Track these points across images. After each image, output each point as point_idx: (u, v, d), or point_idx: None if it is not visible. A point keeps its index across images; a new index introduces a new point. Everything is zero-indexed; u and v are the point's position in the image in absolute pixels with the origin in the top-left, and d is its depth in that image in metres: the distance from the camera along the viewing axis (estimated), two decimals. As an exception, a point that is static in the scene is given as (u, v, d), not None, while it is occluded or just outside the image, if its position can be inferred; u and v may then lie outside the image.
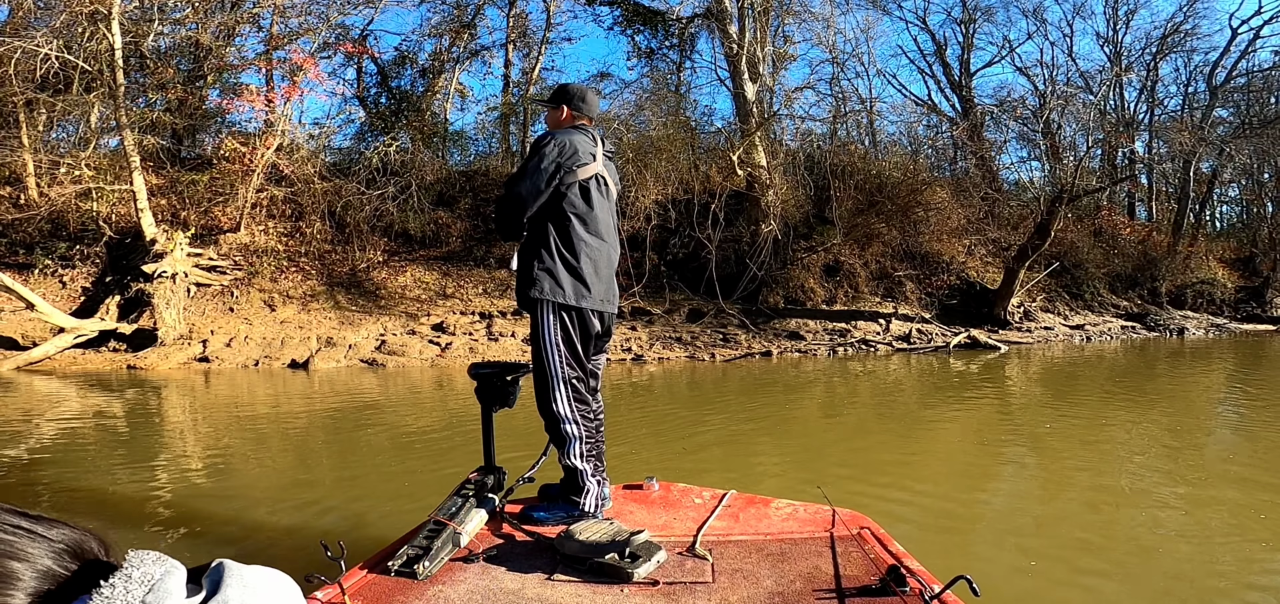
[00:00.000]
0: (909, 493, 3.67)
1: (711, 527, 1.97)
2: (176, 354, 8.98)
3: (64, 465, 4.48)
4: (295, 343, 9.74)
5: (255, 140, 11.01)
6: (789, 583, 1.62)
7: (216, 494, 3.77)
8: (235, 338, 9.59)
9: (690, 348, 11.12)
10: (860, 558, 1.73)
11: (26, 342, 9.17)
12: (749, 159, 13.77)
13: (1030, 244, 12.85)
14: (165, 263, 9.45)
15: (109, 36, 9.94)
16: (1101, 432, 5.24)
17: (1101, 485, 3.87)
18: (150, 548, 0.57)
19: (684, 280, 13.20)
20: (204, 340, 9.40)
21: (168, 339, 9.15)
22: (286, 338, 9.84)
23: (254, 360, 9.19)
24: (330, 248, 12.01)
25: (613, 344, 11.09)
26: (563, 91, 2.34)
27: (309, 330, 10.15)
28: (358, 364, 9.45)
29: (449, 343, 10.28)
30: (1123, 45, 17.64)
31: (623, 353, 10.69)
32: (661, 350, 10.87)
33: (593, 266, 2.17)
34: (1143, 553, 2.90)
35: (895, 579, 1.54)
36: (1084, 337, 13.15)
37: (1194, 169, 15.89)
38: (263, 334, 9.86)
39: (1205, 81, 17.25)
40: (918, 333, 12.41)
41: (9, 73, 9.67)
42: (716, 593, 1.60)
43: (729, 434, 5.37)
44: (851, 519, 1.97)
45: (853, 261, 13.99)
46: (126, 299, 9.43)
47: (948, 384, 8.31)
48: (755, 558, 1.77)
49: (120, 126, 9.97)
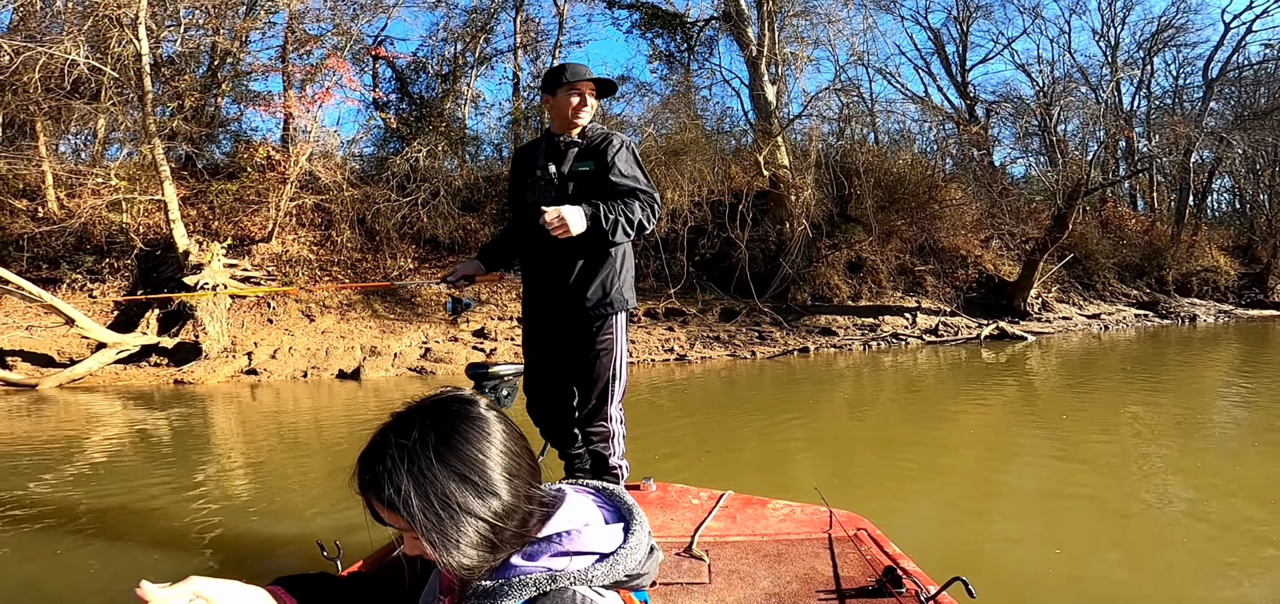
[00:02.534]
0: (984, 483, 3.83)
1: (708, 527, 1.99)
2: (224, 367, 8.80)
3: (132, 479, 4.39)
4: (340, 353, 9.61)
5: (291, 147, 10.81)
6: (785, 584, 1.63)
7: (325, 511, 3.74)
8: (279, 349, 9.43)
9: (729, 346, 11.21)
10: (857, 559, 1.74)
11: (63, 358, 8.91)
12: (773, 159, 13.92)
13: (1049, 237, 13.18)
14: (205, 274, 9.25)
15: (135, 42, 9.70)
16: (1158, 414, 5.44)
17: (1186, 467, 4.03)
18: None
19: (713, 280, 13.28)
20: (248, 352, 9.22)
21: (212, 352, 8.96)
22: (330, 348, 9.69)
23: (302, 371, 9.04)
24: (361, 256, 11.85)
25: (656, 345, 11.14)
26: (611, 84, 2.24)
27: (351, 340, 10.01)
28: (407, 372, 9.35)
29: (493, 348, 10.22)
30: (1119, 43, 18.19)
31: (665, 352, 10.74)
32: (702, 349, 10.93)
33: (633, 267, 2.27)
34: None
35: (892, 580, 1.55)
36: (1101, 325, 13.54)
37: (1194, 160, 16.41)
38: (306, 345, 9.70)
39: (1201, 75, 17.88)
40: (944, 326, 12.66)
41: (34, 79, 9.37)
42: (713, 594, 1.61)
43: (813, 434, 5.47)
44: (848, 520, 1.97)
45: (874, 258, 14.21)
46: (166, 312, 9.20)
47: (990, 374, 8.56)
48: (752, 559, 1.78)
49: (149, 135, 9.72)
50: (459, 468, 0.75)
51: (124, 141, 11.54)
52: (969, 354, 10.48)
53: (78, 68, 9.20)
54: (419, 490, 0.73)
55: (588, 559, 0.80)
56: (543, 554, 0.80)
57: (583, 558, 0.80)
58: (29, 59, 9.19)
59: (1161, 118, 17.74)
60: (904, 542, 1.84)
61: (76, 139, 12.64)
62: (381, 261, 11.89)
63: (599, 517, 0.87)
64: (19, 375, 8.22)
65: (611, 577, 0.80)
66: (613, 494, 0.92)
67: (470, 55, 15.42)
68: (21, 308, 9.54)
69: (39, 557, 3.07)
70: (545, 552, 0.80)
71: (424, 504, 0.73)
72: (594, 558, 0.81)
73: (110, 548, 3.16)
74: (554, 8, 16.15)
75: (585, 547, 0.81)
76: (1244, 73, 18.09)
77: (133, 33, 9.66)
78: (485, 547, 0.75)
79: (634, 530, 0.85)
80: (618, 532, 0.85)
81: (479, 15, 15.62)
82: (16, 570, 2.96)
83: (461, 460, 0.75)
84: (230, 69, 12.95)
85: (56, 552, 3.12)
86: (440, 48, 15.57)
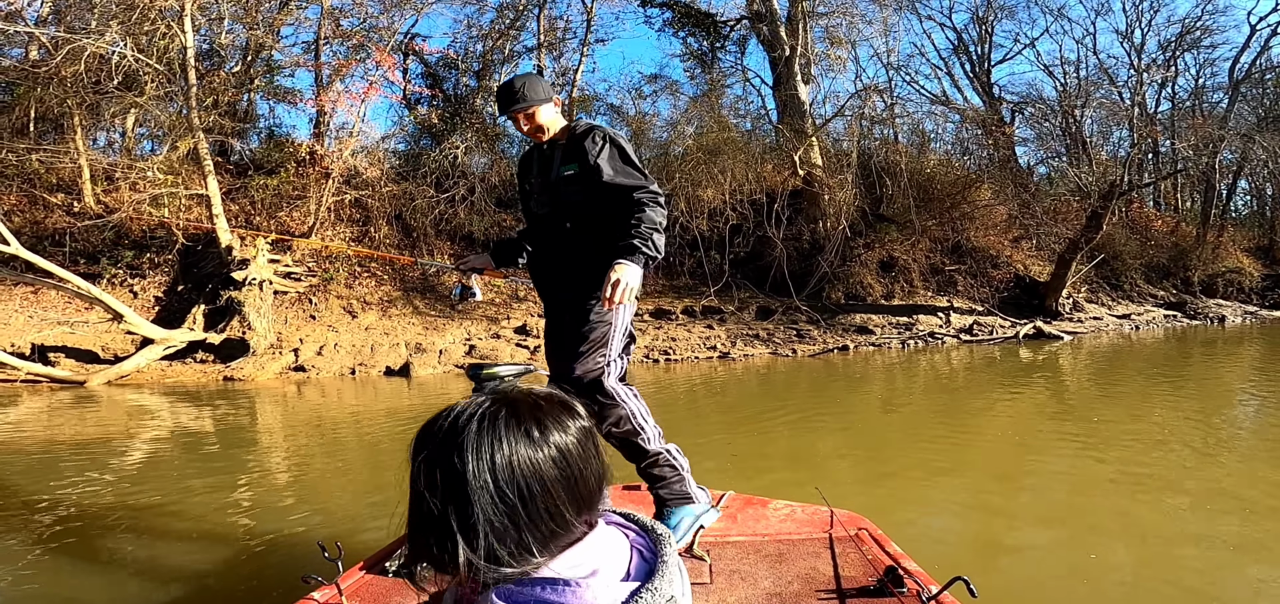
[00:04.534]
0: (1027, 488, 3.78)
1: (709, 527, 1.98)
2: (272, 364, 8.70)
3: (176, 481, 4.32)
4: (385, 349, 9.52)
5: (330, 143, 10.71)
6: (786, 584, 1.62)
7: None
8: (325, 346, 9.33)
9: (769, 343, 11.19)
10: (858, 558, 1.73)
11: (107, 354, 8.80)
12: (807, 158, 13.92)
13: (1083, 237, 13.21)
14: (251, 270, 9.14)
15: (181, 34, 9.59)
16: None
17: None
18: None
19: (748, 278, 13.26)
20: (295, 349, 9.12)
21: (259, 348, 8.86)
22: (376, 344, 9.61)
23: (350, 368, 8.96)
24: (398, 252, 11.76)
25: (697, 342, 11.10)
26: (543, 84, 2.10)
27: (396, 336, 9.93)
28: (453, 370, 9.28)
29: (537, 346, 10.16)
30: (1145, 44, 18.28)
31: (707, 350, 10.70)
32: (744, 348, 10.90)
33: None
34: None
35: (893, 580, 1.54)
36: (1132, 326, 13.58)
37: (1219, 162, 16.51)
38: (351, 341, 9.61)
39: (1227, 76, 17.97)
40: (979, 325, 12.67)
41: (78, 70, 9.24)
42: (714, 594, 1.60)
43: (856, 436, 5.41)
44: (849, 520, 1.97)
45: (906, 257, 14.22)
46: (212, 308, 9.10)
47: (1035, 373, 8.58)
48: (753, 559, 1.77)
49: (193, 128, 9.60)
50: (530, 429, 0.66)
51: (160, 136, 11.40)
52: (1008, 353, 10.49)
53: (124, 58, 9.06)
54: (481, 477, 0.63)
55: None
56: (519, 597, 0.66)
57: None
58: (74, 51, 9.06)
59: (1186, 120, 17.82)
60: (943, 546, 1.74)
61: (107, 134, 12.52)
62: (418, 256, 11.81)
63: (619, 565, 0.72)
64: (66, 372, 8.11)
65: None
66: (658, 540, 0.76)
67: (499, 53, 15.35)
68: (61, 303, 9.43)
69: (85, 561, 2.97)
70: (523, 596, 0.66)
71: (483, 496, 0.63)
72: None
73: (150, 549, 3.09)
74: (582, 6, 16.09)
75: (577, 601, 0.66)
76: (1268, 75, 18.22)
77: (178, 25, 9.56)
78: (496, 537, 0.63)
79: (642, 596, 0.68)
80: (626, 592, 0.68)
81: (507, 12, 15.56)
82: (63, 573, 2.85)
83: (538, 427, 0.66)
84: (263, 63, 12.84)
85: (100, 557, 3.01)
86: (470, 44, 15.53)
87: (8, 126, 10.69)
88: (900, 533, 2.96)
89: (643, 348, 10.54)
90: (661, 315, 12.00)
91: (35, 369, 7.83)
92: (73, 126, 10.52)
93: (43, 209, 10.48)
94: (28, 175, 10.54)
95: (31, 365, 7.83)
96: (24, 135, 10.78)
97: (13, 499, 3.86)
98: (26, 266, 8.66)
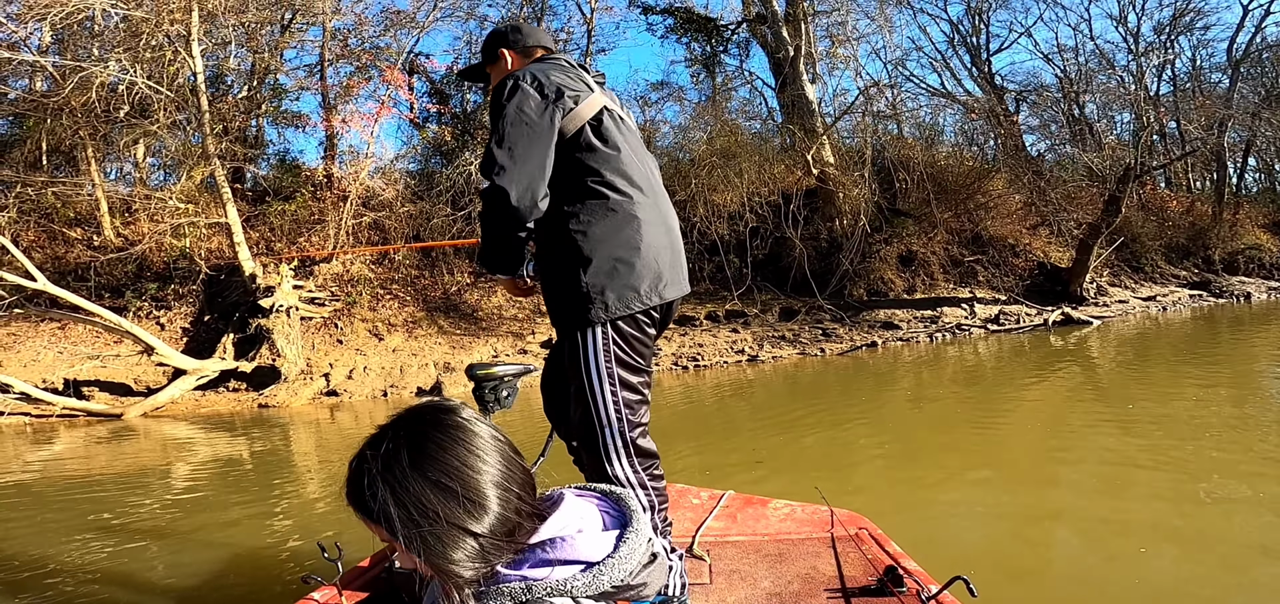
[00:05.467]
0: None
1: (709, 527, 1.98)
2: (305, 389, 8.62)
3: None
4: (415, 370, 9.44)
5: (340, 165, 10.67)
6: (787, 584, 1.62)
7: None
8: (355, 369, 9.25)
9: (796, 344, 11.10)
10: (858, 558, 1.73)
11: (139, 386, 8.71)
12: (819, 157, 13.87)
13: (1103, 220, 13.14)
14: (277, 297, 9.08)
15: (190, 60, 9.56)
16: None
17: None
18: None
19: (768, 280, 13.18)
20: (325, 373, 9.04)
21: (290, 375, 8.77)
22: (404, 365, 9.53)
23: (382, 391, 8.87)
24: (417, 272, 11.70)
25: (725, 347, 11.00)
26: (493, 36, 1.73)
27: (423, 357, 9.84)
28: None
29: (565, 358, 10.07)
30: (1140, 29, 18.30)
31: (736, 354, 10.61)
32: (772, 349, 10.81)
33: (652, 237, 1.50)
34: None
35: (893, 579, 1.54)
36: (1159, 307, 13.49)
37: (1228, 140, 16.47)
38: (380, 364, 9.53)
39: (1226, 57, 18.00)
40: (1005, 314, 12.58)
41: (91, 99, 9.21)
42: (714, 594, 1.60)
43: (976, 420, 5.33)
44: (849, 519, 1.96)
45: (924, 250, 14.14)
46: (242, 337, 9.02)
47: (1069, 360, 8.50)
48: (753, 558, 1.77)
49: (209, 156, 9.56)
50: (436, 476, 0.72)
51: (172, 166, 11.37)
52: (1038, 341, 10.44)
53: (135, 87, 9.03)
54: (397, 501, 0.71)
55: (571, 569, 0.76)
56: (525, 563, 0.76)
57: (565, 568, 0.76)
58: (85, 78, 9.03)
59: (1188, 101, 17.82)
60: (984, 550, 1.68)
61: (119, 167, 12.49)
62: (439, 278, 11.74)
63: (596, 522, 0.82)
64: (102, 405, 8.03)
65: (595, 587, 0.75)
66: (620, 499, 0.86)
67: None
68: (89, 337, 9.36)
69: (86, 562, 3.13)
70: (527, 560, 0.76)
71: (403, 515, 0.71)
72: (579, 567, 0.76)
73: (161, 557, 3.21)
74: (582, 17, 16.12)
75: (572, 555, 0.76)
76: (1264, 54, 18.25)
77: (186, 51, 9.53)
78: (474, 556, 0.72)
79: (627, 538, 0.79)
80: (611, 539, 0.79)
81: (510, 26, 15.56)
82: (64, 573, 3.01)
83: (439, 469, 0.73)
84: (269, 88, 12.82)
85: (101, 557, 3.14)
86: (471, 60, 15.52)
87: (20, 161, 10.65)
88: (931, 537, 2.92)
89: (670, 355, 10.45)
90: (686, 322, 11.91)
91: (71, 403, 7.76)
92: (87, 158, 10.48)
93: (63, 244, 10.42)
94: (45, 210, 10.50)
95: (67, 400, 7.76)
96: (37, 169, 10.75)
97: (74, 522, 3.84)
98: (52, 302, 8.62)
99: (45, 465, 5.93)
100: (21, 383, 7.79)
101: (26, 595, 2.90)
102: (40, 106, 9.97)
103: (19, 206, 9.81)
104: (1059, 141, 17.06)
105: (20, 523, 4.12)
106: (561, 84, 1.48)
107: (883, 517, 2.14)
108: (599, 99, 1.54)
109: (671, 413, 6.87)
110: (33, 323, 9.25)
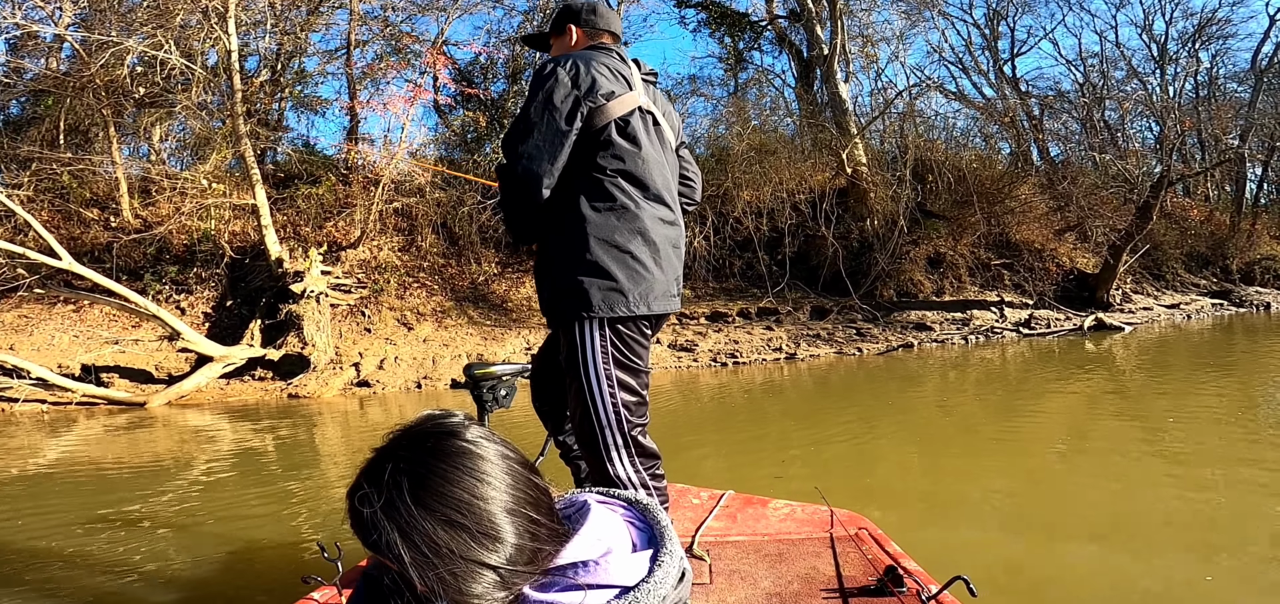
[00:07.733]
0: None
1: (709, 527, 1.97)
2: (335, 379, 8.30)
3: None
4: (447, 361, 9.14)
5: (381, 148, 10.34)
6: (787, 584, 1.62)
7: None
8: (386, 359, 8.94)
9: (831, 342, 10.94)
10: (858, 558, 1.73)
11: (160, 373, 8.35)
12: (852, 156, 13.73)
13: (1134, 227, 13.09)
14: (306, 283, 8.74)
15: (225, 38, 9.20)
16: None
17: None
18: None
19: (799, 279, 13.01)
20: (356, 363, 8.72)
21: (319, 364, 8.45)
22: (437, 356, 9.23)
23: (415, 382, 8.57)
24: (445, 261, 11.39)
25: (761, 344, 10.79)
26: (566, 9, 1.74)
27: (455, 347, 9.55)
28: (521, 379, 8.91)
29: (601, 353, 9.82)
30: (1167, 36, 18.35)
31: (773, 352, 10.41)
32: (808, 348, 10.64)
33: (656, 246, 1.52)
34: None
35: (893, 579, 1.54)
36: (1183, 315, 13.47)
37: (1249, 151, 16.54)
38: (411, 354, 9.22)
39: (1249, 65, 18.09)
40: (1035, 319, 12.49)
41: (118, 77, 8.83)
42: (714, 594, 1.60)
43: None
44: (849, 520, 1.96)
45: (952, 253, 14.04)
46: (269, 324, 8.68)
47: (1111, 366, 8.39)
48: (753, 558, 1.77)
49: (240, 136, 9.20)
50: (445, 512, 0.66)
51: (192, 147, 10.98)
52: (1072, 346, 10.38)
53: (169, 63, 8.66)
54: (406, 541, 0.65)
55: (604, 594, 0.71)
56: (554, 587, 0.71)
57: (599, 593, 0.71)
58: (117, 53, 8.64)
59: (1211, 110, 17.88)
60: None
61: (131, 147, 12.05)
62: (465, 266, 11.44)
63: (626, 541, 0.77)
64: (124, 394, 7.66)
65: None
66: (646, 510, 0.83)
67: (529, 55, 15.07)
68: (106, 320, 8.97)
69: (86, 563, 3.06)
70: (557, 585, 0.72)
71: (415, 555, 0.65)
72: (614, 592, 0.72)
73: (164, 553, 3.14)
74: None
75: (604, 579, 0.72)
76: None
77: (221, 27, 9.17)
78: (495, 586, 0.67)
79: (661, 560, 0.74)
80: (644, 560, 0.75)
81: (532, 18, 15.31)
82: (63, 574, 2.93)
83: (446, 503, 0.67)
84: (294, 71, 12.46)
85: (102, 558, 3.07)
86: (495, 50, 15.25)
87: (37, 139, 10.23)
88: (964, 544, 2.82)
89: (707, 352, 10.24)
90: (718, 318, 11.70)
91: (92, 390, 7.39)
92: (108, 137, 10.07)
93: (79, 225, 10.00)
94: (59, 190, 10.08)
95: (87, 387, 7.39)
96: (55, 148, 10.32)
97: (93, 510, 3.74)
98: (69, 283, 8.23)
99: (71, 451, 5.61)
100: (39, 367, 7.42)
101: (21, 587, 2.84)
102: (61, 85, 9.56)
103: (35, 185, 9.39)
104: (1084, 148, 17.04)
105: (27, 515, 3.92)
106: (598, 77, 1.49)
107: (907, 532, 2.08)
108: (635, 98, 1.54)
109: (700, 409, 6.72)
110: (46, 305, 8.85)
